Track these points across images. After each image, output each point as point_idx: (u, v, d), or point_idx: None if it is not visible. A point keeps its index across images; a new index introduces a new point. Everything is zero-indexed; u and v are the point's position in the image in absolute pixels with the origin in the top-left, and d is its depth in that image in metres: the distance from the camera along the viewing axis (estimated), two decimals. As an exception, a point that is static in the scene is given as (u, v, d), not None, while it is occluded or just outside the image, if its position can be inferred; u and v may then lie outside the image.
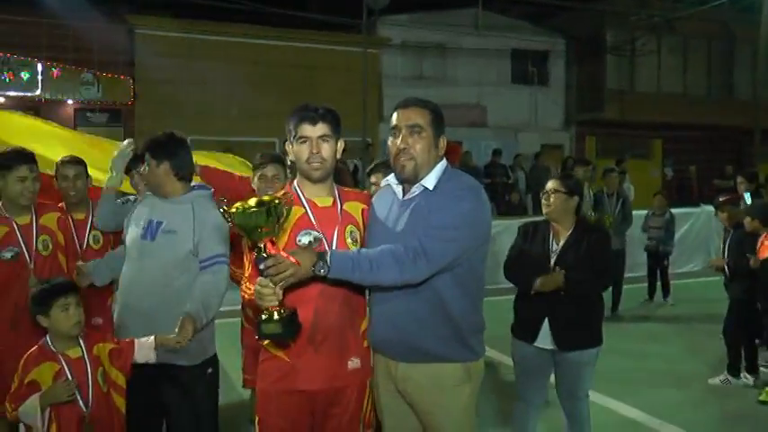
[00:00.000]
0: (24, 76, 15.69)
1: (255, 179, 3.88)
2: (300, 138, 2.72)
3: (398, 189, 2.79)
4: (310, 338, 2.69)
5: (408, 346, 2.68)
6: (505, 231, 7.93)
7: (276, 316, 2.43)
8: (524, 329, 3.91)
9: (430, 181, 2.70)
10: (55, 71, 15.89)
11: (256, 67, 17.01)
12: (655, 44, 21.44)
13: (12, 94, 15.82)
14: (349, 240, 2.76)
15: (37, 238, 3.60)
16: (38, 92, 15.79)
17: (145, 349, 3.08)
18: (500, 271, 4.05)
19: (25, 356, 2.96)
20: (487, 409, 4.96)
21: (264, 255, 2.36)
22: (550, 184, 3.95)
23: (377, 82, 19.07)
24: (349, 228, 2.79)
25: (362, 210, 2.88)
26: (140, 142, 3.97)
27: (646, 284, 9.54)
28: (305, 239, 2.69)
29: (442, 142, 2.79)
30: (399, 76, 19.78)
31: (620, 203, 8.46)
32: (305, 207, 2.75)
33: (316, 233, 2.71)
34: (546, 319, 3.81)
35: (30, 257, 3.56)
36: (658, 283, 9.44)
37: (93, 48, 15.82)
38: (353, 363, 2.78)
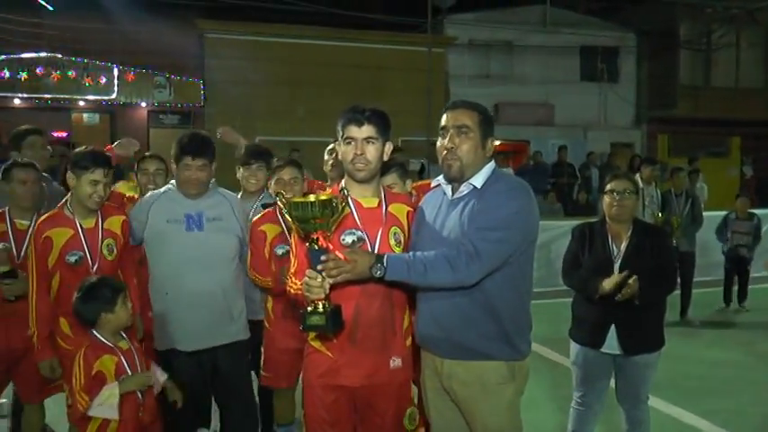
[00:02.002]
0: (102, 80, 16.38)
1: (272, 183, 3.92)
2: (347, 139, 2.76)
3: (448, 189, 2.81)
4: (351, 335, 2.74)
5: (453, 343, 2.69)
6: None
7: (321, 309, 2.53)
8: (589, 335, 3.82)
9: (478, 180, 2.72)
10: (130, 75, 16.53)
11: (323, 68, 17.22)
12: (733, 37, 20.62)
13: (90, 97, 16.57)
14: (392, 242, 2.80)
15: (102, 242, 3.51)
16: (114, 95, 16.50)
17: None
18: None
19: (82, 353, 3.07)
20: (539, 411, 4.88)
21: (316, 247, 2.49)
22: (622, 185, 3.81)
23: (443, 81, 19.02)
24: (393, 229, 2.82)
25: (408, 212, 2.91)
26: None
27: (717, 289, 9.17)
28: (348, 239, 2.75)
29: (490, 144, 2.80)
30: (466, 75, 19.67)
31: (690, 204, 8.17)
32: (351, 207, 2.80)
33: (359, 233, 2.77)
34: (612, 325, 3.72)
35: (93, 262, 3.48)
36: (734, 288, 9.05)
37: (165, 52, 16.32)
38: (395, 362, 2.82)
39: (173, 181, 3.69)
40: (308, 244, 2.53)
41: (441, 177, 2.87)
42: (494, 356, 2.66)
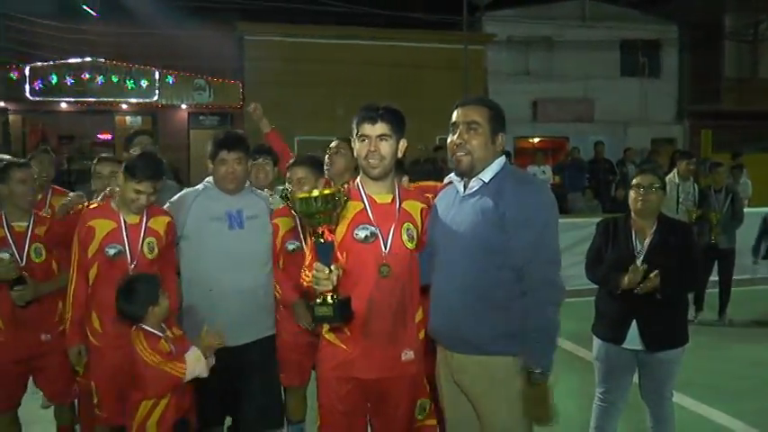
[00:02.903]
0: (143, 83, 16.77)
1: (286, 180, 4.01)
2: (361, 136, 2.83)
3: (460, 185, 2.85)
4: (365, 329, 2.81)
5: (462, 337, 2.74)
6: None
7: (329, 300, 2.62)
8: (611, 331, 3.80)
9: (487, 174, 2.75)
10: (170, 78, 16.87)
11: (361, 67, 17.32)
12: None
13: (133, 100, 16.97)
14: (405, 237, 2.85)
15: (143, 239, 3.48)
16: (155, 98, 16.86)
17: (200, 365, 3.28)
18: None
19: (142, 338, 3.19)
20: (567, 407, 4.85)
21: (322, 241, 2.59)
22: (647, 179, 3.78)
23: (482, 78, 18.94)
24: (406, 225, 2.87)
25: (421, 209, 2.96)
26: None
27: (759, 287, 8.94)
28: (361, 234, 2.82)
29: (501, 139, 2.82)
30: (505, 72, 19.57)
31: (730, 200, 7.98)
32: (364, 203, 2.86)
33: (372, 228, 2.83)
34: (634, 320, 3.70)
35: (132, 258, 3.45)
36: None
37: (205, 55, 16.61)
38: (407, 355, 2.88)
39: (209, 178, 3.75)
40: (314, 238, 2.63)
41: (453, 174, 2.90)
42: (503, 352, 2.68)
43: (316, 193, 2.58)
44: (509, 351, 2.67)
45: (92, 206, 3.55)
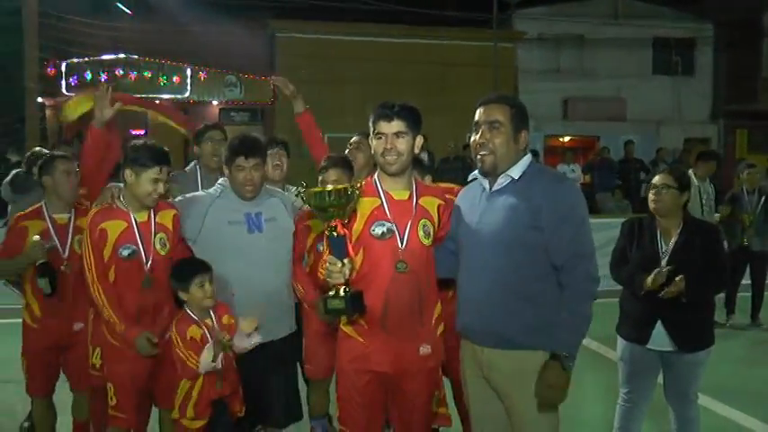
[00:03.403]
0: (176, 79, 16.99)
1: (319, 182, 3.93)
2: (377, 134, 2.88)
3: (485, 182, 2.87)
4: (382, 323, 2.86)
5: (493, 332, 2.76)
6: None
7: (341, 293, 2.69)
8: (635, 331, 3.78)
9: (516, 171, 2.78)
10: (202, 74, 17.09)
11: (391, 65, 17.37)
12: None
13: (165, 96, 17.15)
14: (421, 233, 2.89)
15: (155, 236, 3.42)
16: (187, 94, 17.07)
17: (243, 338, 3.36)
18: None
19: (174, 324, 3.31)
20: (596, 407, 4.83)
21: (335, 234, 2.67)
22: (660, 179, 3.77)
23: (512, 76, 18.85)
24: (422, 221, 2.91)
25: (438, 205, 2.99)
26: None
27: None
28: (378, 230, 2.86)
29: (524, 137, 2.84)
30: (535, 70, 19.45)
31: (763, 202, 7.85)
32: (381, 199, 2.91)
33: (389, 224, 2.87)
34: (658, 321, 3.68)
35: (147, 257, 3.40)
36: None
37: (236, 52, 16.77)
38: (425, 349, 2.93)
39: (223, 180, 3.71)
40: (327, 232, 2.70)
41: (476, 171, 2.93)
42: (534, 346, 2.70)
43: (329, 187, 2.67)
44: (540, 345, 2.70)
45: (95, 210, 3.42)
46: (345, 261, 2.67)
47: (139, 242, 3.39)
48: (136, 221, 3.40)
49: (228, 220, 3.57)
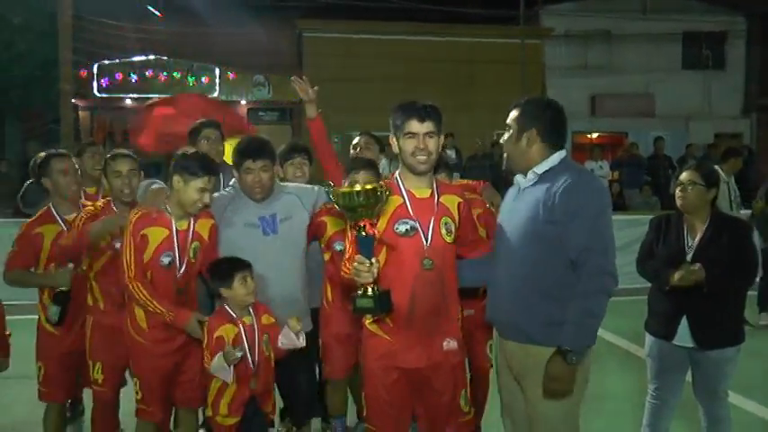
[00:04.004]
0: (204, 80, 17.22)
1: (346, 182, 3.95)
2: (408, 133, 2.92)
3: (521, 179, 2.96)
4: (407, 320, 2.91)
5: (512, 325, 2.84)
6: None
7: (370, 292, 2.74)
8: (661, 327, 3.77)
9: (541, 167, 2.86)
10: (230, 75, 17.28)
11: (418, 63, 17.41)
12: None
13: (194, 96, 17.37)
14: (443, 231, 2.94)
15: (190, 244, 3.46)
16: (215, 94, 17.26)
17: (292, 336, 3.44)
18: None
19: (210, 319, 3.35)
20: (623, 404, 4.84)
21: (364, 234, 2.71)
22: (686, 176, 3.75)
23: (540, 73, 18.78)
24: (444, 219, 2.96)
25: (459, 203, 3.05)
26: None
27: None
28: (402, 228, 2.91)
29: (530, 135, 2.88)
30: (563, 67, 19.34)
31: (799, 198, 7.75)
32: (404, 197, 2.96)
33: (412, 222, 2.92)
34: (684, 317, 3.67)
35: (181, 264, 3.44)
36: None
37: (264, 52, 16.95)
38: (449, 344, 2.99)
39: (235, 182, 3.75)
40: (355, 232, 2.74)
41: None
42: (548, 343, 2.72)
43: (358, 187, 2.69)
44: (555, 342, 2.71)
45: (138, 215, 3.40)
46: (373, 260, 2.72)
47: (177, 250, 3.42)
48: (176, 230, 3.43)
49: (244, 223, 3.60)
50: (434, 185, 3.04)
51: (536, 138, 2.88)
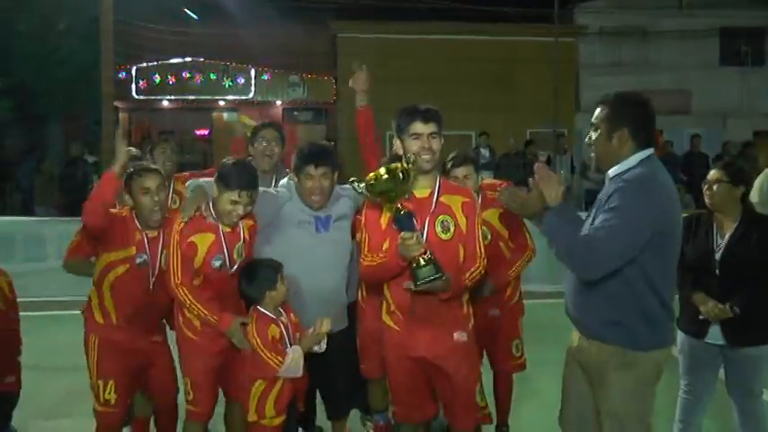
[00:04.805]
0: (240, 81, 17.47)
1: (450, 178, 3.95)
2: (413, 134, 3.09)
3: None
4: (411, 311, 3.11)
5: (580, 321, 2.92)
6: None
7: (423, 261, 2.89)
8: (692, 325, 3.76)
9: (613, 170, 2.84)
10: (266, 75, 17.49)
11: (452, 62, 17.43)
12: None
13: (230, 97, 17.68)
14: (438, 229, 3.09)
15: (236, 245, 3.50)
16: (251, 95, 17.51)
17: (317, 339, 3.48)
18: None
19: (253, 325, 3.38)
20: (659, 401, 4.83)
21: (402, 212, 2.89)
22: (712, 174, 3.74)
23: (574, 71, 18.67)
24: (441, 218, 3.10)
25: (463, 203, 3.16)
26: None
27: None
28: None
29: (621, 135, 2.80)
30: (597, 64, 19.21)
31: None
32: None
33: None
34: None
35: (231, 264, 3.49)
36: None
37: (299, 53, 17.16)
38: (460, 335, 3.17)
39: (285, 180, 3.80)
40: (394, 214, 2.92)
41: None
42: (610, 341, 2.77)
43: (381, 170, 2.87)
44: (617, 341, 2.75)
45: (183, 224, 3.41)
46: (416, 232, 2.89)
47: (225, 252, 3.46)
48: (223, 232, 3.46)
49: (298, 221, 3.63)
50: (436, 185, 3.16)
51: (627, 137, 2.80)
